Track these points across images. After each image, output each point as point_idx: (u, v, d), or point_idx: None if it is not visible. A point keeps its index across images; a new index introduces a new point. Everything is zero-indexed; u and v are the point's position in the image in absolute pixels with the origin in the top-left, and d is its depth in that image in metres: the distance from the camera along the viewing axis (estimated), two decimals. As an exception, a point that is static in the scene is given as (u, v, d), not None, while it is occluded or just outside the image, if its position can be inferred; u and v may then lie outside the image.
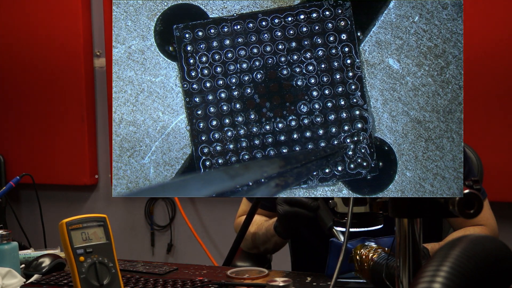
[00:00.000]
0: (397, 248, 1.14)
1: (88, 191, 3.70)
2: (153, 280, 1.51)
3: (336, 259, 1.32)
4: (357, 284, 1.47)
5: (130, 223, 3.66)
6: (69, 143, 3.57)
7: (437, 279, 0.70)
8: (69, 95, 3.55)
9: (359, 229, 1.28)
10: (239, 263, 1.82)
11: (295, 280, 1.51)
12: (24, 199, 3.72)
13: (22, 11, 3.58)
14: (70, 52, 3.52)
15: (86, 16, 3.54)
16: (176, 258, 3.59)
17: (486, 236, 0.80)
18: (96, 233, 1.29)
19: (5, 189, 1.89)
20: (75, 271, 1.24)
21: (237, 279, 1.52)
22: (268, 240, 1.80)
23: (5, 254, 1.55)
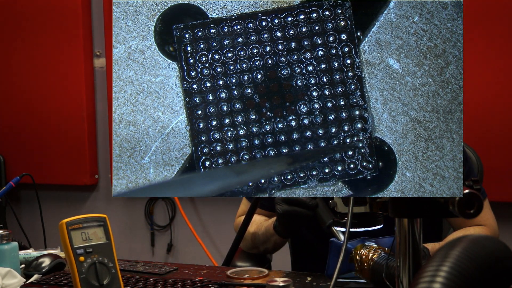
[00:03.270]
0: (397, 248, 1.14)
1: (88, 191, 3.70)
2: (153, 280, 1.51)
3: (336, 259, 1.32)
4: (357, 284, 1.47)
5: (130, 223, 3.66)
6: (69, 143, 3.57)
7: (437, 279, 0.70)
8: (69, 95, 3.55)
9: (359, 229, 1.28)
10: (239, 263, 1.82)
11: (295, 280, 1.51)
12: (24, 199, 3.72)
13: (22, 11, 3.58)
14: (70, 52, 3.52)
15: (86, 16, 3.54)
16: (176, 258, 3.59)
17: (486, 236, 0.80)
18: (96, 233, 1.29)
19: (5, 189, 1.89)
20: (75, 271, 1.24)
21: (237, 279, 1.52)
22: (268, 240, 1.80)
23: (5, 254, 1.55)
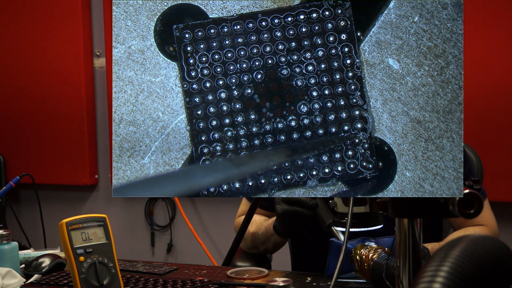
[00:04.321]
0: (397, 248, 1.14)
1: (88, 191, 3.70)
2: (153, 280, 1.51)
3: (336, 259, 1.32)
4: (357, 284, 1.47)
5: (130, 223, 3.66)
6: (69, 143, 3.57)
7: (437, 279, 0.70)
8: (69, 95, 3.55)
9: (359, 229, 1.28)
10: (239, 263, 1.82)
11: (295, 280, 1.51)
12: (24, 199, 3.72)
13: (22, 11, 3.58)
14: (70, 52, 3.52)
15: (86, 16, 3.54)
16: (176, 258, 3.59)
17: (486, 236, 0.80)
18: (96, 233, 1.29)
19: (5, 189, 1.89)
20: (75, 271, 1.24)
21: (237, 279, 1.52)
22: (268, 240, 1.80)
23: (5, 254, 1.55)
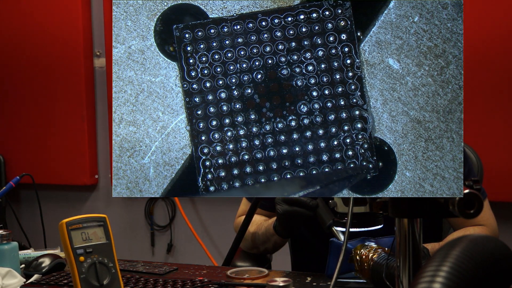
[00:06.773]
0: (397, 248, 1.14)
1: (88, 191, 3.70)
2: (153, 280, 1.51)
3: (336, 259, 1.32)
4: (357, 284, 1.47)
5: (130, 223, 3.66)
6: (69, 143, 3.57)
7: (437, 279, 0.70)
8: (69, 95, 3.55)
9: (359, 229, 1.28)
10: (239, 263, 1.82)
11: (295, 280, 1.51)
12: (24, 199, 3.72)
13: (22, 11, 3.58)
14: (70, 52, 3.52)
15: (86, 16, 3.54)
16: (176, 258, 3.59)
17: (486, 236, 0.80)
18: (96, 233, 1.29)
19: (5, 189, 1.89)
20: (75, 271, 1.24)
21: (237, 279, 1.52)
22: (268, 240, 1.80)
23: (5, 254, 1.55)
